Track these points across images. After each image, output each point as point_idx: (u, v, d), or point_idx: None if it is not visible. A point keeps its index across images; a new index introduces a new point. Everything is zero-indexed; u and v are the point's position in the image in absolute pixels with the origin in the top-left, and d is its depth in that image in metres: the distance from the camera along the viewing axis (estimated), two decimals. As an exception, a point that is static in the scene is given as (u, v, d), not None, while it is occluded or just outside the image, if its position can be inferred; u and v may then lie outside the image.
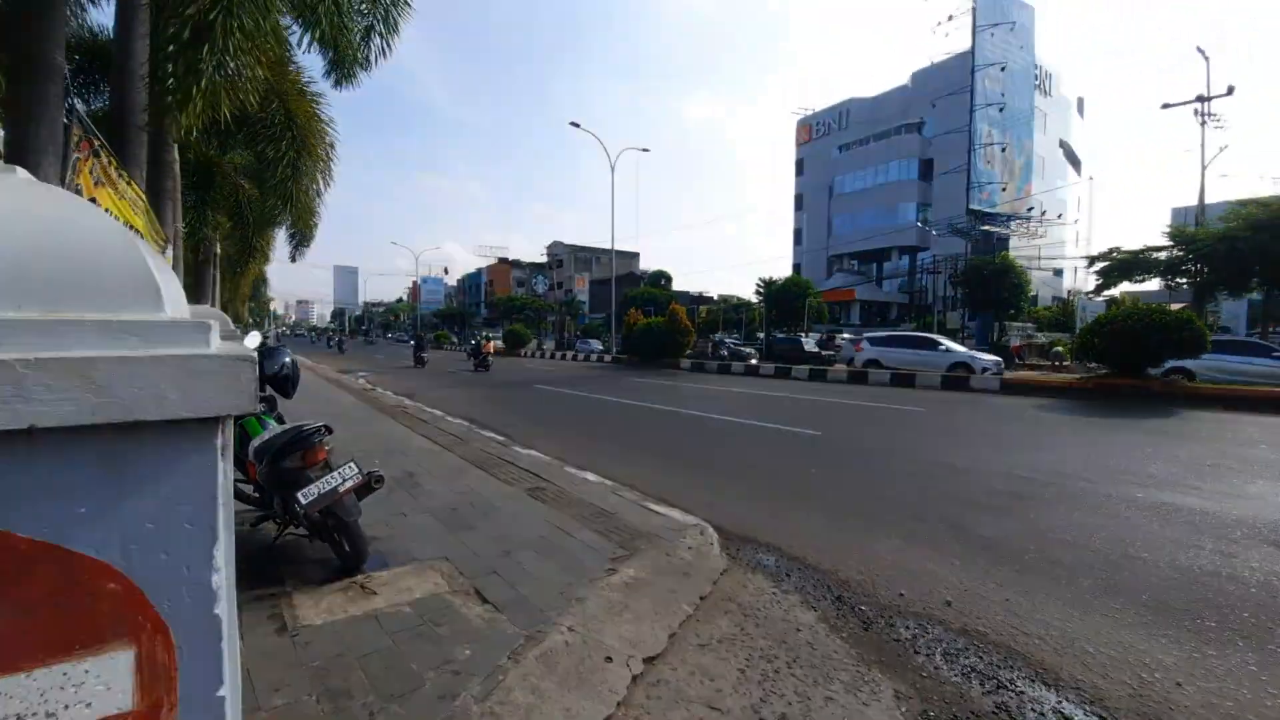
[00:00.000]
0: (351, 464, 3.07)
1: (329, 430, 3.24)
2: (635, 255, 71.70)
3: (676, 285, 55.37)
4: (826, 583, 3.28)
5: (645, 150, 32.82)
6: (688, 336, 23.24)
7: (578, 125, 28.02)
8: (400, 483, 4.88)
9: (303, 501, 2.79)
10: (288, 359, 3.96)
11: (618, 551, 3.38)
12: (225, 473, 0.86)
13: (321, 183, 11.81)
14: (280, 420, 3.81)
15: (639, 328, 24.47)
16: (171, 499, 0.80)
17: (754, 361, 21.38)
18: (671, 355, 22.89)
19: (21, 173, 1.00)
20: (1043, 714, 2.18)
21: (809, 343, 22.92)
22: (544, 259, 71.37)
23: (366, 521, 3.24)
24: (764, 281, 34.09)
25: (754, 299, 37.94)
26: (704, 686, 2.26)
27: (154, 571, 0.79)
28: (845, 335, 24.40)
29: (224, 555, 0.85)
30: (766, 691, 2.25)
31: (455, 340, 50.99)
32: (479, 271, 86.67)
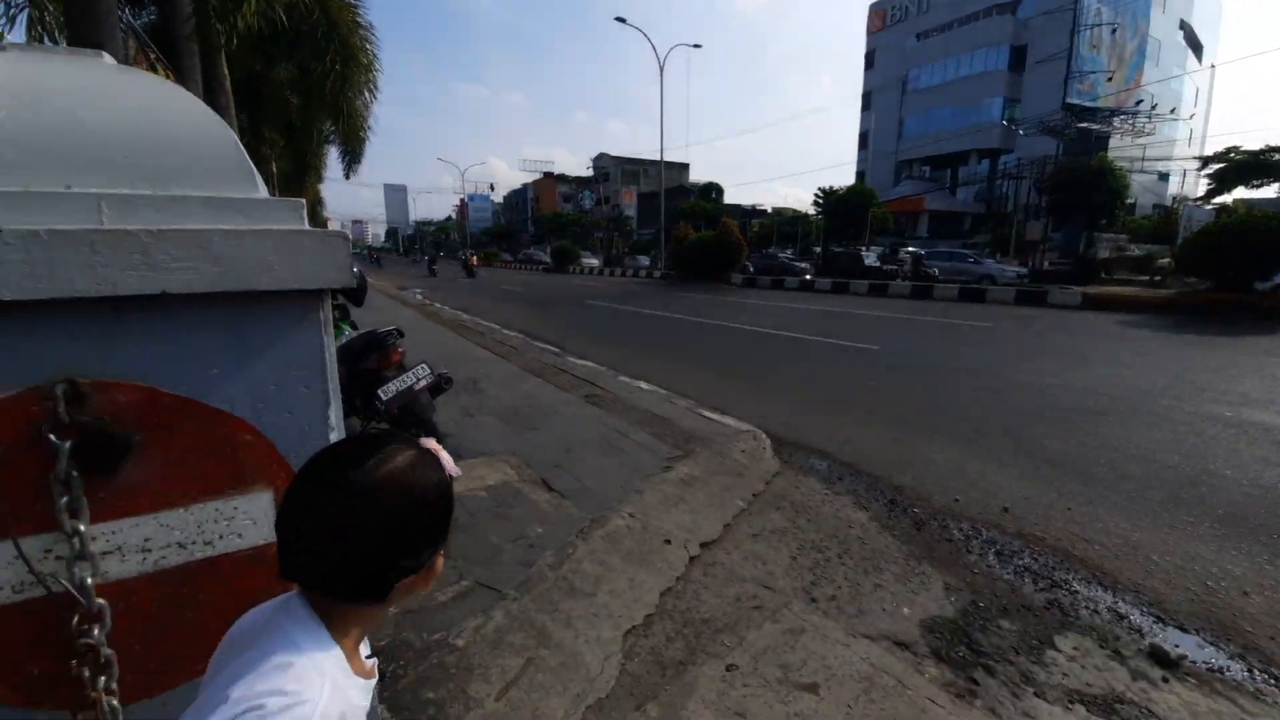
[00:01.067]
0: (424, 365, 3.26)
1: (401, 334, 3.42)
2: (685, 167, 68.37)
3: (728, 198, 52.84)
4: (879, 487, 3.33)
5: (696, 46, 30.29)
6: (739, 251, 22.43)
7: (623, 21, 25.98)
8: (464, 387, 5.17)
9: (383, 398, 3.01)
10: (356, 269, 4.14)
11: (673, 452, 3.52)
12: (330, 346, 0.92)
13: (368, 95, 11.64)
14: (354, 327, 4.05)
15: (688, 243, 23.77)
16: (288, 365, 0.88)
17: (808, 277, 20.56)
18: (722, 271, 22.30)
19: (108, 58, 1.02)
20: (1096, 611, 2.21)
21: (870, 257, 21.60)
22: (589, 172, 69.23)
23: (438, 420, 3.48)
24: (823, 191, 31.89)
25: (812, 211, 35.71)
26: (757, 569, 2.41)
27: (281, 427, 0.88)
28: (909, 249, 22.86)
29: (336, 417, 0.94)
30: (817, 576, 2.38)
31: (507, 258, 51.49)
32: (525, 188, 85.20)
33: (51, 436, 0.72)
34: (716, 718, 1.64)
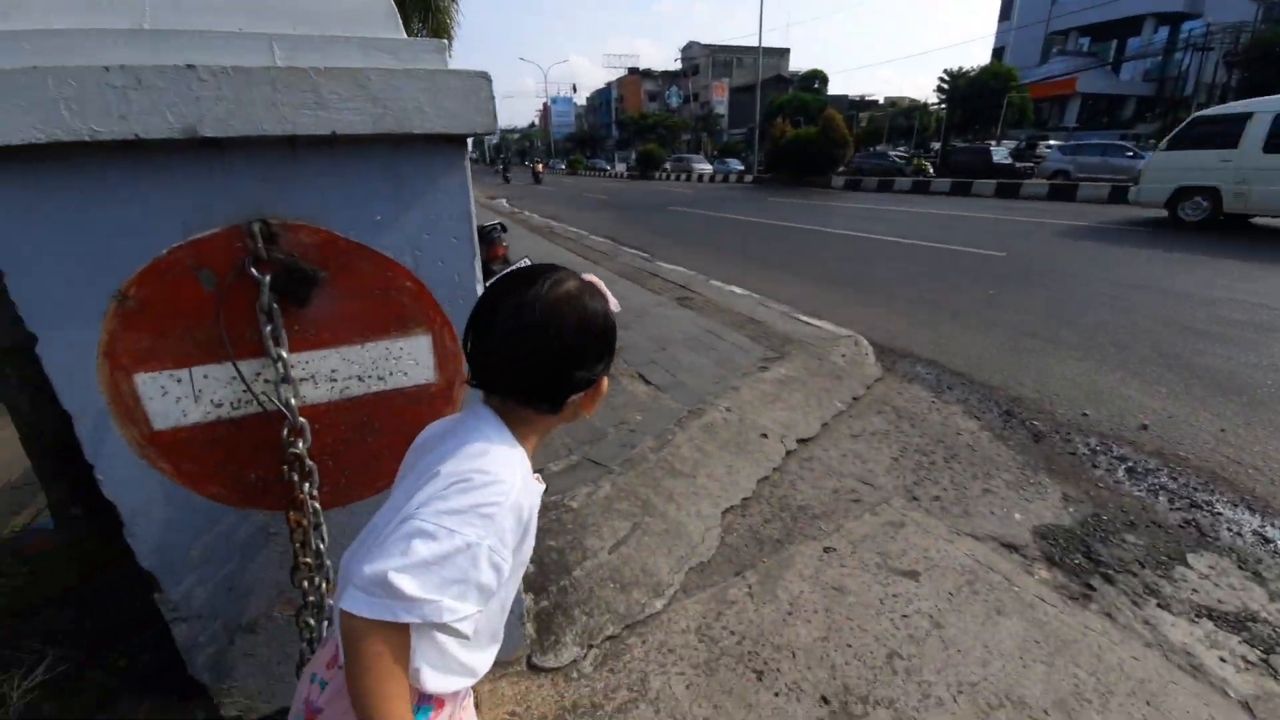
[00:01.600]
0: (526, 259, 3.35)
1: (504, 229, 3.51)
2: (784, 53, 61.39)
3: (833, 88, 47.28)
4: (994, 398, 3.12)
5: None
6: (843, 149, 20.16)
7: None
8: (560, 288, 5.30)
9: (491, 289, 3.17)
10: None
11: (768, 354, 3.47)
12: (471, 198, 0.95)
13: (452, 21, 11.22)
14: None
15: (785, 140, 21.50)
16: (439, 215, 0.92)
17: (924, 177, 18.35)
18: (823, 172, 20.42)
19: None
20: (1240, 534, 2.02)
21: (1000, 153, 18.66)
22: (678, 65, 64.11)
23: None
24: (949, 74, 27.47)
25: (934, 99, 30.97)
26: (856, 466, 2.39)
27: (435, 275, 0.94)
28: (1051, 142, 19.52)
29: (479, 271, 0.98)
30: (920, 478, 2.33)
31: (588, 166, 50.15)
32: (608, 87, 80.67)
33: (253, 270, 0.81)
34: (813, 589, 1.71)
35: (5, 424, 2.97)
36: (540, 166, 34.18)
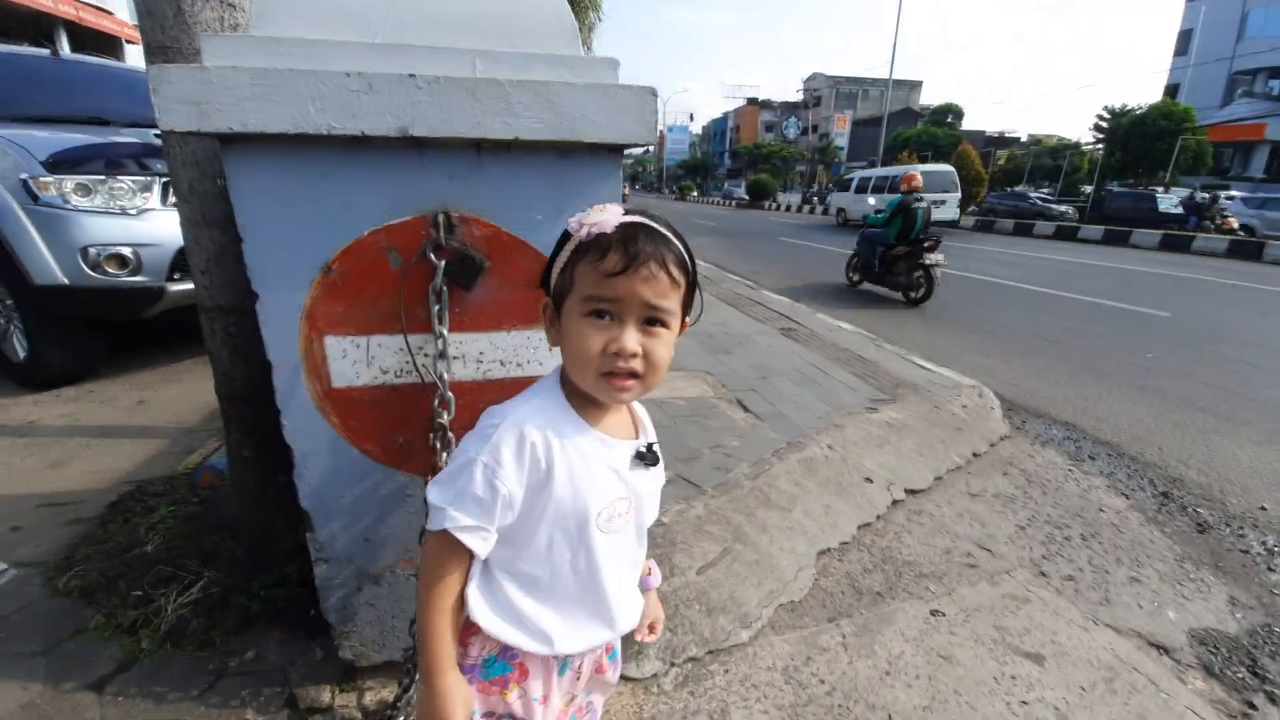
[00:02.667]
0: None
1: None
2: (915, 85, 58.63)
3: (969, 123, 44.48)
4: (1148, 475, 2.73)
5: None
6: (976, 187, 18.88)
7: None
8: (665, 307, 5.39)
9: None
10: None
11: (878, 395, 3.28)
12: (621, 202, 1.00)
13: (593, 15, 11.87)
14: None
15: None
16: (591, 218, 0.98)
17: (1069, 222, 16.46)
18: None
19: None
20: None
21: (1168, 200, 16.35)
22: (799, 95, 63.36)
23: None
24: (1110, 112, 24.58)
25: (1090, 139, 27.78)
26: (974, 528, 2.18)
27: (580, 275, 1.00)
28: (1233, 193, 16.89)
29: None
30: (1050, 552, 2.07)
31: (697, 192, 50.70)
32: (724, 116, 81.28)
33: (431, 255, 0.91)
34: (917, 652, 1.57)
35: (184, 377, 3.49)
36: (626, 191, 36.50)
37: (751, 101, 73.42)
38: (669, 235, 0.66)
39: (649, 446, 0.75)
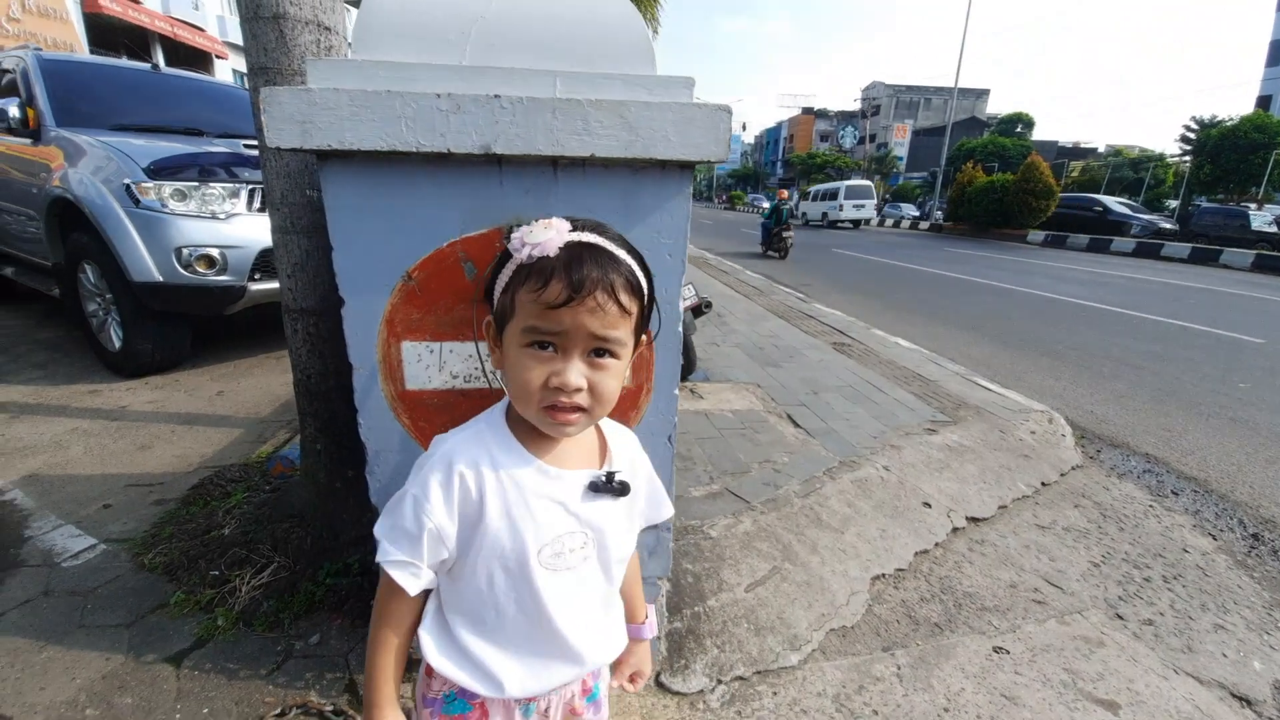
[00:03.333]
0: (690, 285, 3.45)
1: (709, 305, 3.67)
2: (983, 94, 56.20)
3: (1040, 133, 42.30)
4: (1238, 515, 2.51)
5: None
6: (1046, 200, 17.71)
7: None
8: (709, 320, 5.36)
9: (654, 310, 3.32)
10: None
11: (938, 416, 3.15)
12: (689, 218, 1.01)
13: (649, 29, 12.10)
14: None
15: (975, 187, 19.40)
16: (659, 232, 0.99)
17: (1148, 238, 15.40)
18: (1019, 224, 18.07)
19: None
20: None
21: (1262, 218, 15.14)
22: (857, 104, 61.84)
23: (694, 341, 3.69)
24: (1198, 123, 22.97)
25: (1175, 151, 25.98)
26: (1042, 563, 2.06)
27: (646, 288, 1.01)
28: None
29: (681, 288, 1.03)
30: (1128, 593, 1.93)
31: (748, 202, 50.32)
32: (778, 126, 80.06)
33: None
34: (978, 690, 1.49)
35: (257, 371, 3.71)
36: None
37: (807, 111, 72.21)
38: (619, 255, 0.62)
39: (609, 476, 0.68)
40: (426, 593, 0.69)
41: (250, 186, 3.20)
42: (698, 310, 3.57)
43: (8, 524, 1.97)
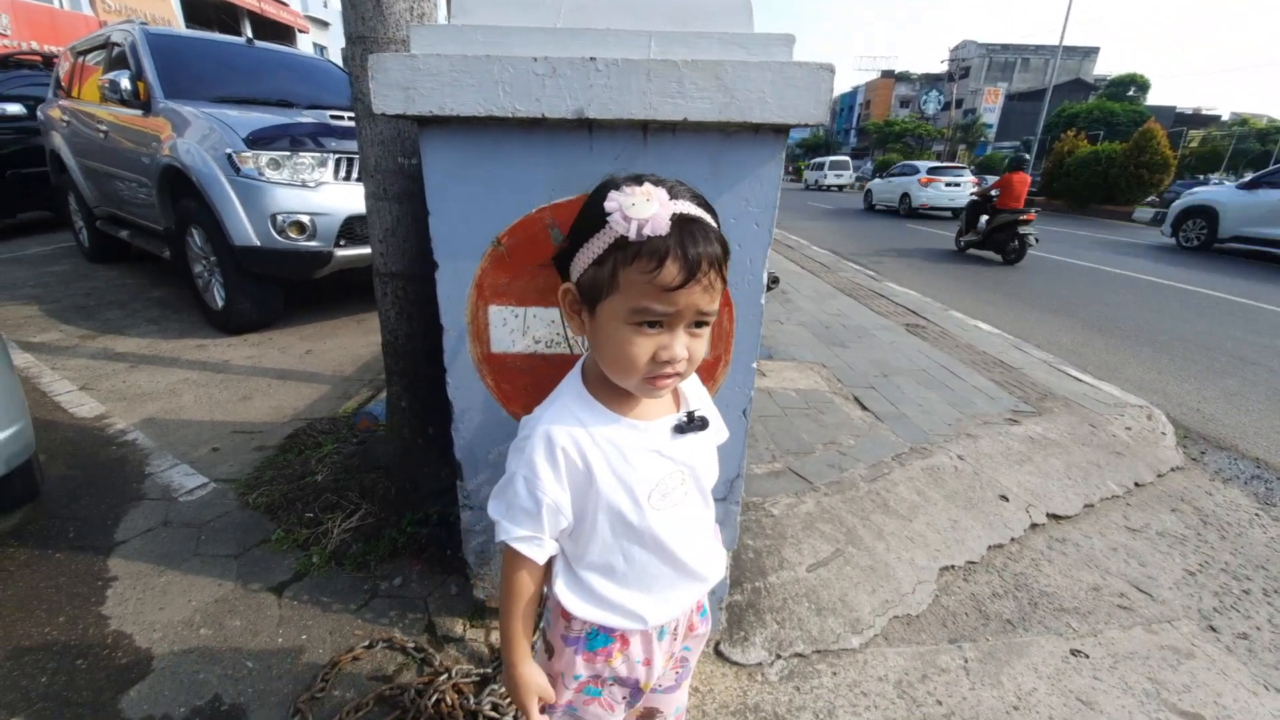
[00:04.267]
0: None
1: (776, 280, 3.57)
2: (1090, 53, 50.54)
3: (1155, 97, 37.74)
4: (1372, 534, 2.23)
5: None
6: (1161, 173, 15.66)
7: None
8: (773, 297, 5.22)
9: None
10: None
11: (1020, 406, 2.96)
12: (779, 186, 0.97)
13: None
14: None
15: (1075, 158, 17.44)
16: (747, 200, 0.96)
17: None
18: (1126, 200, 16.22)
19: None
20: None
21: None
22: (944, 66, 57.09)
23: (761, 314, 3.61)
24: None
25: None
26: (1130, 567, 1.93)
27: (731, 258, 0.98)
28: None
29: (766, 260, 1.00)
30: (1224, 605, 1.78)
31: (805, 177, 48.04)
32: (854, 91, 75.02)
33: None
34: (1051, 691, 1.43)
35: (341, 333, 3.93)
36: None
37: (887, 74, 67.43)
38: (713, 225, 0.62)
39: (690, 415, 0.73)
40: (550, 561, 0.75)
41: (337, 156, 3.36)
42: (766, 286, 3.49)
43: (131, 461, 2.22)
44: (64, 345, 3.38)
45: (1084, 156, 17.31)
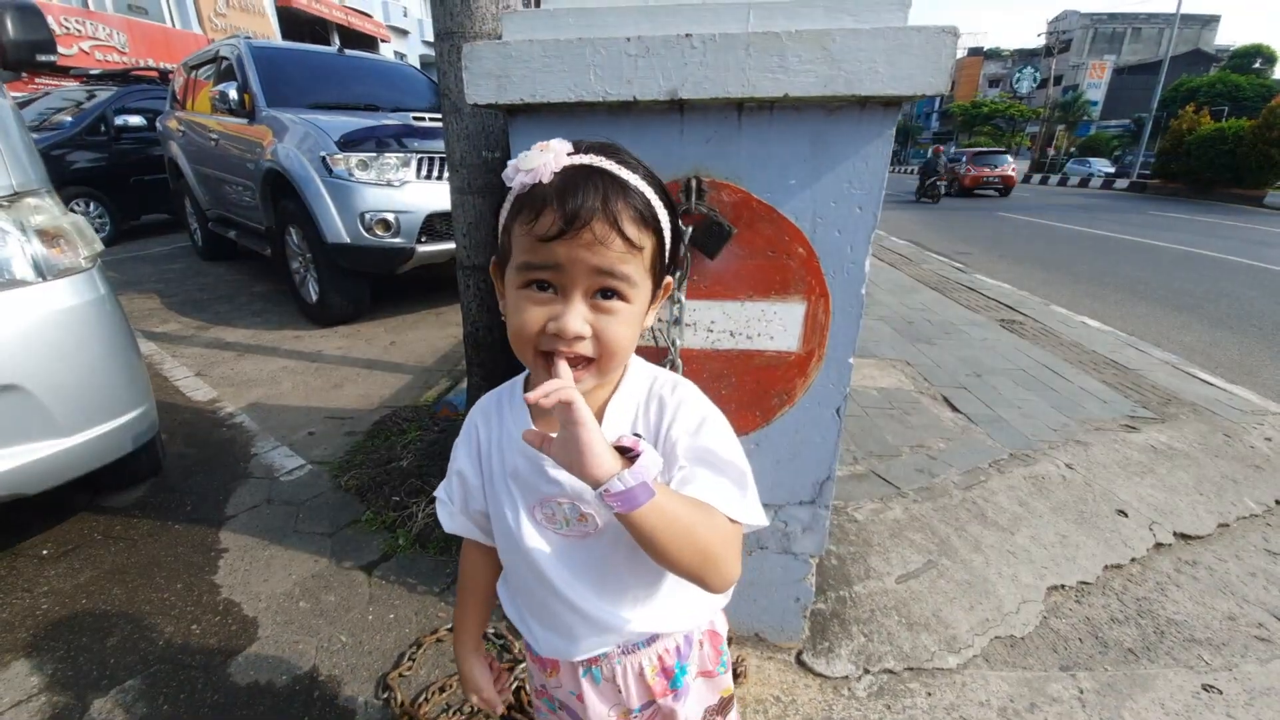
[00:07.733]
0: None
1: None
2: (1210, 21, 44.80)
3: (1292, 68, 33.18)
4: None
5: None
6: None
7: None
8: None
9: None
10: None
11: (1139, 411, 2.66)
12: (888, 167, 0.89)
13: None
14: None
15: (1196, 136, 15.75)
16: (850, 183, 0.89)
17: None
18: (1256, 184, 14.45)
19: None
20: None
21: None
22: (1041, 40, 52.33)
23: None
24: None
25: None
26: (1270, 594, 1.67)
27: (828, 244, 0.92)
28: None
29: (869, 249, 0.92)
30: None
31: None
32: None
33: (679, 222, 0.91)
34: (1189, 737, 1.26)
35: (421, 326, 4.10)
36: None
37: (974, 51, 62.82)
38: (628, 179, 0.51)
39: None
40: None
41: (419, 156, 3.50)
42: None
43: (238, 442, 2.41)
44: (181, 335, 3.74)
45: (1207, 135, 15.51)
